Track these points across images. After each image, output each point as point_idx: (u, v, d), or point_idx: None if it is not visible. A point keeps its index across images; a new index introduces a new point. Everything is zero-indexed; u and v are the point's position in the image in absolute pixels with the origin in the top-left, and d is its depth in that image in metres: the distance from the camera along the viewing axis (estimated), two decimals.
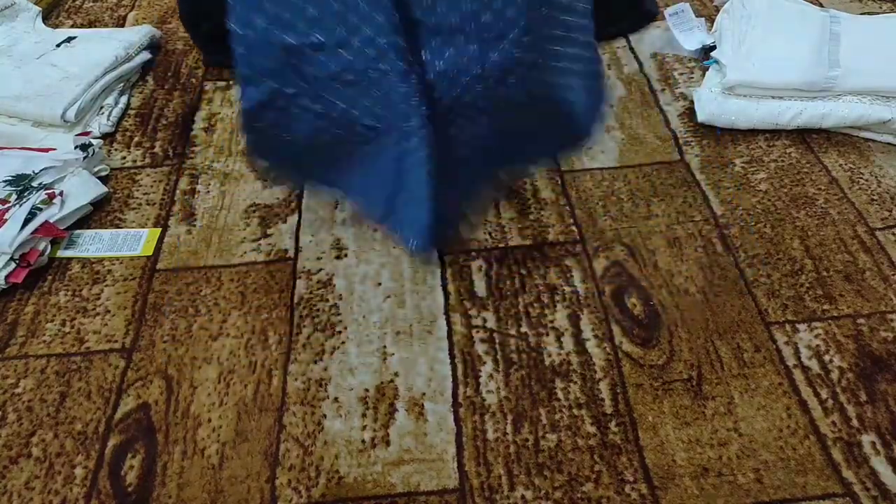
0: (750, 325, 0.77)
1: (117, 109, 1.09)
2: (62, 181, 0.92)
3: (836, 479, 0.64)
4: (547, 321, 0.78)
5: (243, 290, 0.83)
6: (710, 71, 1.06)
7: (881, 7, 1.23)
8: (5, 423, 0.72)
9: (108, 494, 0.66)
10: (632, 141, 1.01)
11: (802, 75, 0.97)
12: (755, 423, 0.68)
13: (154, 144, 1.05)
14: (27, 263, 0.84)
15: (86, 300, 0.83)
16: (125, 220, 0.93)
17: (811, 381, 0.72)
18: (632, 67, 1.14)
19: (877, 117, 0.95)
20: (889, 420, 0.68)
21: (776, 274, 0.82)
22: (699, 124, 1.02)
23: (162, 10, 1.34)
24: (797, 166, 0.95)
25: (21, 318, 0.82)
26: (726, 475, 0.65)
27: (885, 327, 0.76)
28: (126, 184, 0.98)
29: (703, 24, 1.17)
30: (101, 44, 1.14)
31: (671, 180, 0.94)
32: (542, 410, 0.70)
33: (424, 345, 0.77)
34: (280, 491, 0.66)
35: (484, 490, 0.65)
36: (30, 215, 0.85)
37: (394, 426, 0.70)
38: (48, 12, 1.31)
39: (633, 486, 0.64)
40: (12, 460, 0.69)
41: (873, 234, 0.86)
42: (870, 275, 0.81)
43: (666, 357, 0.74)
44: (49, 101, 1.02)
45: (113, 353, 0.77)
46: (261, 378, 0.75)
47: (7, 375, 0.76)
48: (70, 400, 0.73)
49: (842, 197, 0.90)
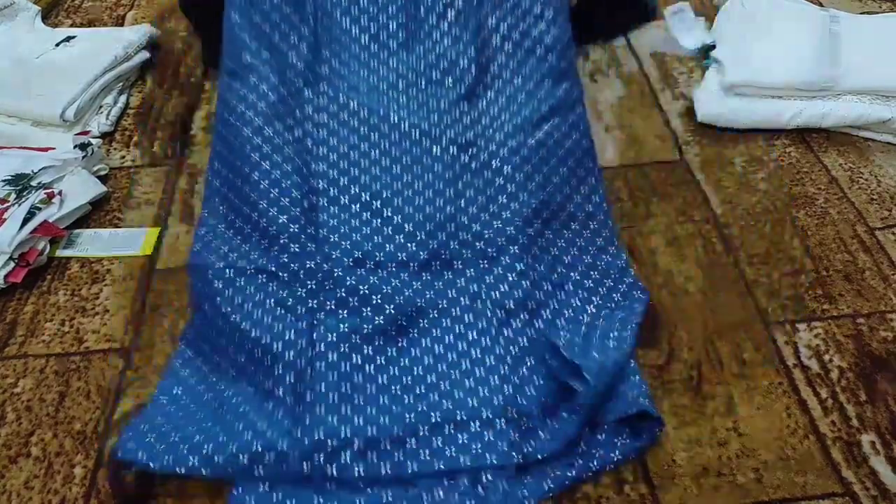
0: (750, 325, 0.77)
1: (116, 109, 1.09)
2: (61, 180, 0.91)
3: (835, 479, 0.64)
4: None
5: None
6: (709, 70, 1.06)
7: (881, 7, 1.23)
8: (4, 422, 0.71)
9: (107, 494, 0.66)
10: (631, 140, 1.01)
11: (802, 75, 0.97)
12: (755, 422, 0.68)
13: (153, 144, 1.05)
14: (26, 263, 0.84)
15: (85, 300, 0.83)
16: (124, 219, 0.93)
17: (811, 380, 0.72)
18: (632, 67, 1.14)
19: (876, 117, 0.95)
20: (889, 420, 0.68)
21: (776, 274, 0.82)
22: (699, 124, 1.02)
23: (161, 9, 1.34)
24: (797, 166, 0.95)
25: (20, 317, 0.81)
26: (726, 475, 0.65)
27: (884, 327, 0.76)
28: (125, 183, 0.98)
29: (703, 23, 1.17)
30: (100, 43, 1.14)
31: (671, 180, 0.94)
32: None
33: None
34: None
35: None
36: (29, 215, 0.85)
37: None
38: (47, 12, 1.31)
39: (633, 485, 0.64)
40: (11, 460, 0.68)
41: (873, 233, 0.86)
42: (869, 274, 0.81)
43: (666, 357, 0.74)
44: (48, 100, 1.02)
45: (112, 353, 0.77)
46: None
47: (6, 375, 0.76)
48: (69, 399, 0.73)
49: (841, 196, 0.90)
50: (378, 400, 0.67)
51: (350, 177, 0.80)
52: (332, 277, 0.73)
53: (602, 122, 1.04)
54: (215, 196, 0.86)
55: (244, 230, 0.80)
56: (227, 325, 0.72)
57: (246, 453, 0.63)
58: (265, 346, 0.69)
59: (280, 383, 0.67)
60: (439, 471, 0.63)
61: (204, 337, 0.75)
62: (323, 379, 0.67)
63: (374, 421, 0.65)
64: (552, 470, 0.64)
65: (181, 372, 0.73)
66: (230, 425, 0.66)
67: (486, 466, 0.63)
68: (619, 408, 0.65)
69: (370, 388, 0.68)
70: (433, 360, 0.71)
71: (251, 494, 0.63)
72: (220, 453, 0.63)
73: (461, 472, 0.63)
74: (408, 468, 0.63)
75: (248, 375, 0.70)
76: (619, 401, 0.66)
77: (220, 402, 0.69)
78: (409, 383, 0.69)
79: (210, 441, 0.64)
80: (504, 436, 0.64)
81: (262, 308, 0.73)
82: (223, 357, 0.72)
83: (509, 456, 0.63)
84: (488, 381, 0.68)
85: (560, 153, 0.84)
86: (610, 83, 1.11)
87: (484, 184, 0.80)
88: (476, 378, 0.68)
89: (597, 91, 1.09)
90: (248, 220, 0.80)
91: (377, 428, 0.65)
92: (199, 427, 0.66)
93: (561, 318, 0.74)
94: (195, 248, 0.82)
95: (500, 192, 0.80)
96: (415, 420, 0.66)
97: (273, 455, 0.63)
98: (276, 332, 0.70)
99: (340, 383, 0.67)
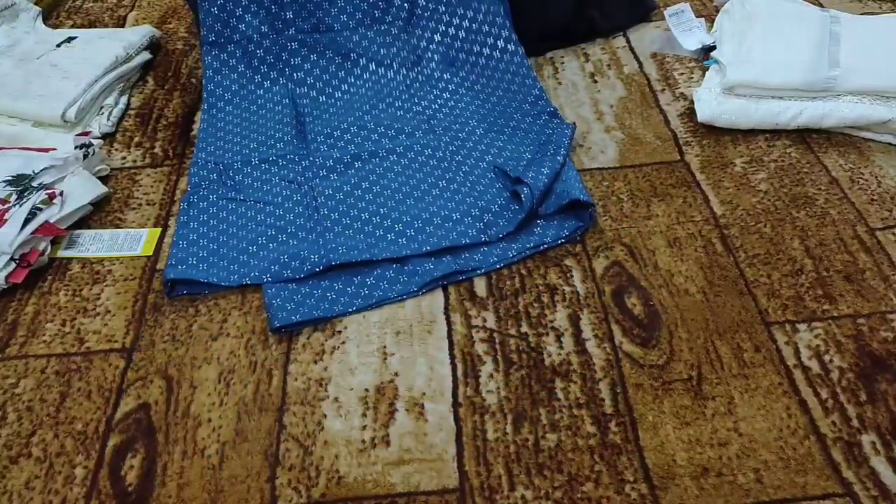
0: (750, 325, 0.77)
1: (117, 109, 1.09)
2: (62, 181, 0.92)
3: (836, 479, 0.64)
4: (547, 321, 0.78)
5: (243, 290, 0.83)
6: (710, 71, 1.06)
7: (881, 7, 1.23)
8: (5, 422, 0.72)
9: (108, 494, 0.66)
10: (632, 141, 1.01)
11: (802, 75, 0.97)
12: (755, 422, 0.68)
13: (154, 144, 1.05)
14: (27, 263, 0.84)
15: (86, 300, 0.83)
16: (125, 220, 0.93)
17: (811, 380, 0.72)
18: (632, 67, 1.14)
19: (877, 117, 0.95)
20: (889, 420, 0.68)
21: (776, 274, 0.82)
22: (699, 124, 1.02)
23: (162, 10, 1.34)
24: (797, 166, 0.95)
25: (21, 318, 0.82)
26: (726, 475, 0.65)
27: (885, 327, 0.76)
28: (126, 184, 0.98)
29: (703, 24, 1.17)
30: (101, 44, 1.14)
31: (671, 180, 0.94)
32: (542, 410, 0.70)
33: (424, 345, 0.77)
34: (280, 491, 0.66)
35: (484, 490, 0.65)
36: (30, 215, 0.85)
37: (394, 426, 0.70)
38: (48, 12, 1.31)
39: (633, 485, 0.64)
40: (12, 460, 0.69)
41: (873, 234, 0.86)
42: (870, 275, 0.81)
43: (666, 357, 0.74)
44: (49, 101, 1.02)
45: (113, 353, 0.77)
46: (261, 378, 0.75)
47: (7, 375, 0.76)
48: (70, 400, 0.73)
49: (842, 197, 0.90)
50: (374, 220, 0.89)
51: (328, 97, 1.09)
52: (319, 156, 0.98)
53: (602, 122, 1.04)
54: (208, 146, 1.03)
55: (242, 145, 1.02)
56: (237, 197, 0.93)
57: (275, 264, 0.83)
58: (277, 203, 0.91)
59: (294, 222, 0.89)
60: (426, 252, 0.84)
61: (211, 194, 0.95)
62: (329, 217, 0.89)
63: (371, 235, 0.87)
64: (512, 244, 0.86)
65: (198, 204, 0.93)
66: (256, 243, 0.86)
67: (462, 245, 0.85)
68: (553, 202, 0.88)
69: (368, 217, 0.89)
70: (409, 189, 0.93)
71: (280, 289, 0.81)
72: (254, 267, 0.83)
73: (444, 251, 0.85)
74: (402, 251, 0.84)
75: (263, 215, 0.90)
76: (553, 196, 0.88)
77: (238, 225, 0.89)
78: (397, 213, 0.90)
79: (244, 255, 0.85)
80: (473, 224, 0.87)
81: (270, 183, 0.94)
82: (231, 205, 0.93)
83: (478, 236, 0.86)
84: (459, 192, 0.92)
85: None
86: (610, 83, 1.11)
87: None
88: (449, 191, 0.92)
89: (597, 91, 1.10)
90: (244, 145, 1.02)
91: (375, 239, 0.86)
92: (229, 245, 0.86)
93: (504, 154, 0.98)
94: (192, 171, 0.98)
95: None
96: (405, 225, 0.87)
97: (298, 262, 0.83)
98: (286, 195, 0.93)
99: (342, 219, 0.89)
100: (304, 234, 0.87)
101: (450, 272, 0.82)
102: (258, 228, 0.88)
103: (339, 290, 0.82)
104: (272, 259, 0.84)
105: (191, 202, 0.92)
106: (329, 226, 0.87)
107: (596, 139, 1.01)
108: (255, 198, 0.92)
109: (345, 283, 0.82)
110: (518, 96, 1.05)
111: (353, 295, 0.81)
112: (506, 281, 0.83)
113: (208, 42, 1.10)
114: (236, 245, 0.86)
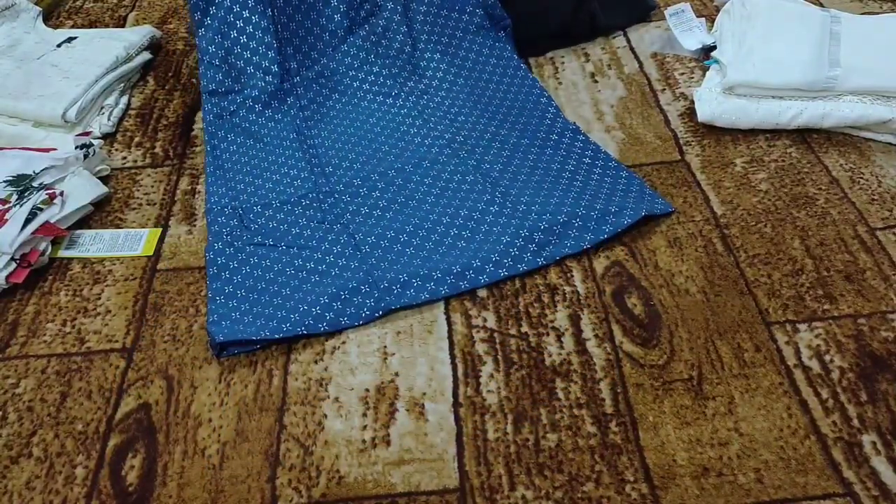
0: (750, 325, 0.77)
1: (118, 110, 1.09)
2: (63, 181, 0.92)
3: (836, 479, 0.64)
4: (547, 321, 0.78)
5: None
6: (710, 71, 1.06)
7: (881, 7, 1.23)
8: (6, 422, 0.72)
9: (108, 494, 0.66)
10: (632, 141, 1.01)
11: (803, 75, 0.97)
12: (755, 422, 0.68)
13: (154, 145, 1.05)
14: (28, 263, 0.84)
15: (86, 300, 0.83)
16: (126, 220, 0.93)
17: (812, 380, 0.72)
18: (632, 67, 1.14)
19: (877, 117, 0.95)
20: (889, 420, 0.68)
21: (776, 274, 0.82)
22: (699, 124, 1.02)
23: (162, 10, 1.34)
24: (797, 166, 0.95)
25: (22, 318, 0.82)
26: (727, 475, 0.65)
27: (885, 327, 0.76)
28: (127, 184, 0.98)
29: (704, 24, 1.17)
30: (101, 44, 1.14)
31: (671, 180, 0.94)
32: (542, 410, 0.70)
33: (425, 345, 0.77)
34: (280, 491, 0.66)
35: (484, 490, 0.65)
36: (30, 215, 0.85)
37: (394, 426, 0.70)
38: (49, 13, 1.31)
39: (634, 485, 0.64)
40: (13, 460, 0.69)
41: (874, 233, 0.86)
42: (870, 274, 0.81)
43: (666, 357, 0.74)
44: (49, 101, 1.02)
45: (113, 353, 0.77)
46: (261, 378, 0.75)
47: (8, 375, 0.76)
48: (71, 400, 0.73)
49: (842, 197, 0.90)
50: (423, 252, 0.86)
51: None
52: (347, 193, 0.94)
53: (602, 122, 1.04)
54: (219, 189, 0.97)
55: (256, 185, 0.97)
56: (266, 242, 0.88)
57: (316, 306, 0.79)
58: (313, 247, 0.87)
59: (336, 264, 0.85)
60: (484, 284, 0.82)
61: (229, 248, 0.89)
62: (373, 254, 0.85)
63: (424, 263, 0.84)
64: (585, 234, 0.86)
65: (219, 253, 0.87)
66: (301, 290, 0.81)
67: (519, 272, 0.83)
68: (620, 222, 0.86)
69: (415, 252, 0.86)
70: (449, 219, 0.90)
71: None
72: (305, 314, 0.78)
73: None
74: (459, 287, 0.82)
75: (301, 260, 0.86)
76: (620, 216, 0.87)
77: (275, 271, 0.84)
78: (444, 247, 0.86)
79: (289, 301, 0.80)
80: (526, 247, 0.84)
81: (298, 226, 0.90)
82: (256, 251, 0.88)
83: (535, 261, 0.84)
84: (502, 214, 0.89)
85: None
86: (610, 83, 1.11)
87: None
88: (490, 214, 0.90)
89: (597, 91, 1.10)
90: (258, 187, 0.97)
91: (428, 266, 0.83)
92: (271, 292, 0.82)
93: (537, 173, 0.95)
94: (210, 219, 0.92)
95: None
96: (452, 261, 0.84)
97: (353, 308, 0.79)
98: (320, 237, 0.88)
99: (387, 255, 0.86)
100: (349, 274, 0.82)
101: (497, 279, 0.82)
102: (299, 274, 0.83)
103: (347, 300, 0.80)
104: (324, 305, 0.79)
105: (217, 250, 0.86)
106: (375, 263, 0.84)
107: (596, 139, 1.01)
108: (286, 242, 0.87)
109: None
110: (534, 119, 1.04)
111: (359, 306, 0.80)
112: (506, 281, 0.83)
113: (208, 91, 1.05)
114: (278, 292, 0.81)
